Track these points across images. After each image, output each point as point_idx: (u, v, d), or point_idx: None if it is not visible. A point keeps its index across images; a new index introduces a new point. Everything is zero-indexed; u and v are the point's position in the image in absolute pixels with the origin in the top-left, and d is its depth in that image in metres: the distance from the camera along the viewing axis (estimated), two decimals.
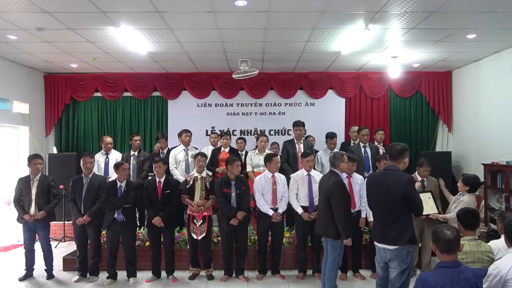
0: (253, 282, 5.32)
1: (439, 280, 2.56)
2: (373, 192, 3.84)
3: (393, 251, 3.55)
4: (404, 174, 3.64)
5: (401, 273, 3.54)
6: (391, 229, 3.57)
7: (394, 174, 3.63)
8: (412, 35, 5.92)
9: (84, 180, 5.43)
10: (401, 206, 3.52)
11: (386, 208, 3.62)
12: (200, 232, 5.30)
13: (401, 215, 3.53)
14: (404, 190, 3.50)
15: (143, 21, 5.31)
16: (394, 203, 3.54)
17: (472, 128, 7.77)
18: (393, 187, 3.54)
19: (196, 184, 5.40)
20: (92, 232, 5.35)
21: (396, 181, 3.55)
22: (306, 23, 5.45)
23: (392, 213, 3.56)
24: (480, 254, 3.21)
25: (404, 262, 3.53)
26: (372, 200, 3.88)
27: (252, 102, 8.72)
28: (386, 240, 3.60)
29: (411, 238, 3.54)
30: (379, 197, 3.71)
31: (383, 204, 3.66)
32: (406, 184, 3.53)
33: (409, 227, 3.55)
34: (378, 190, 3.71)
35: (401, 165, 3.69)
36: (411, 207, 3.54)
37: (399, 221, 3.53)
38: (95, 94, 8.64)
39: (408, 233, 3.53)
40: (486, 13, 5.01)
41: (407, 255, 3.54)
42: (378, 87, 8.65)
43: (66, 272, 5.64)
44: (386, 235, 3.60)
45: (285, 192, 5.44)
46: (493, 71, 7.09)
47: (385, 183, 3.63)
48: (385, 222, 3.64)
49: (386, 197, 3.59)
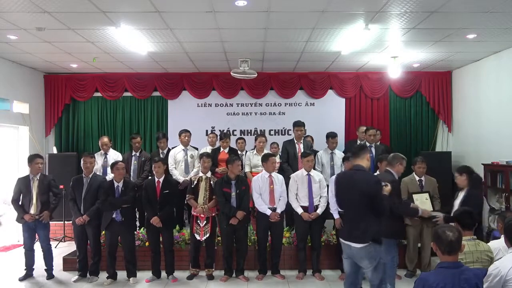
0: (253, 282, 5.32)
1: (439, 281, 2.55)
2: (341, 191, 3.92)
3: (360, 249, 3.61)
4: (371, 175, 3.75)
5: (375, 270, 3.61)
6: (357, 228, 3.65)
7: (361, 174, 3.71)
8: (412, 35, 5.92)
9: (85, 180, 5.43)
10: (367, 205, 3.58)
11: (353, 207, 3.72)
12: (204, 233, 5.29)
13: (366, 214, 3.60)
14: (371, 190, 3.58)
15: (143, 21, 5.31)
16: (360, 202, 3.62)
17: (472, 128, 7.78)
18: (360, 186, 3.62)
19: (200, 184, 5.39)
20: (91, 232, 5.35)
21: (363, 181, 3.64)
22: (306, 23, 5.45)
23: (359, 212, 3.65)
24: (479, 254, 3.21)
25: (373, 259, 3.60)
26: (340, 199, 3.98)
27: (252, 102, 8.72)
28: (352, 238, 3.67)
29: (375, 236, 3.60)
30: (346, 196, 3.81)
31: (350, 203, 3.76)
32: (374, 184, 3.62)
33: (374, 225, 3.62)
34: (346, 189, 3.80)
35: (365, 162, 3.77)
36: (375, 207, 3.59)
37: (364, 220, 3.61)
38: (95, 94, 8.63)
39: (373, 231, 3.59)
40: (486, 13, 5.01)
41: (375, 251, 3.60)
42: (378, 87, 8.64)
43: (66, 272, 5.64)
44: (353, 233, 3.67)
45: (283, 192, 5.44)
46: (493, 71, 7.09)
47: (353, 182, 3.71)
48: (351, 220, 3.74)
49: (353, 196, 3.68)
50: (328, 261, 5.63)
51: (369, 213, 3.60)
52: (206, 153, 5.78)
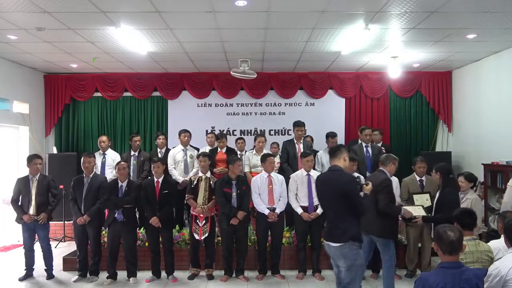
0: (253, 282, 5.32)
1: (440, 281, 2.55)
2: (320, 192, 4.00)
3: (336, 248, 3.64)
4: (347, 174, 3.78)
5: (348, 270, 3.61)
6: (336, 227, 3.68)
7: (337, 174, 3.74)
8: (412, 35, 5.92)
9: (85, 179, 5.43)
10: (344, 205, 3.61)
11: (331, 207, 3.77)
12: (203, 233, 5.29)
13: (344, 213, 3.62)
14: (346, 189, 3.60)
15: (143, 21, 5.31)
16: (337, 202, 3.65)
17: (472, 128, 7.78)
18: (337, 186, 3.66)
19: (200, 184, 5.39)
20: (92, 232, 5.35)
21: (339, 181, 3.68)
22: (306, 23, 5.45)
23: (336, 212, 3.68)
24: (479, 254, 3.21)
25: (348, 259, 3.60)
26: (320, 200, 4.10)
27: (252, 102, 8.72)
28: (331, 238, 3.70)
29: (353, 236, 3.61)
30: (325, 196, 3.85)
31: (328, 203, 3.81)
32: (348, 183, 3.64)
33: (353, 225, 3.63)
34: (324, 190, 3.84)
35: (341, 163, 3.79)
36: (353, 207, 3.61)
37: (342, 219, 3.63)
38: (95, 94, 8.63)
39: (351, 230, 3.60)
40: (486, 13, 5.01)
41: (351, 251, 3.60)
42: (378, 87, 8.65)
43: (66, 272, 5.64)
44: (332, 233, 3.71)
45: (284, 192, 5.44)
46: (493, 71, 7.09)
47: (330, 183, 3.76)
48: (331, 221, 3.80)
49: (331, 196, 3.72)
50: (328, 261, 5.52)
51: (347, 213, 3.62)
52: (203, 153, 5.78)
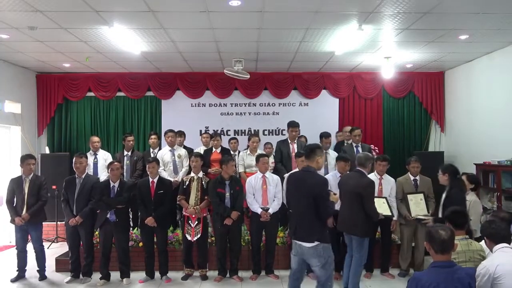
0: (247, 282, 5.32)
1: (432, 280, 2.57)
2: (289, 191, 4.03)
3: (309, 248, 3.72)
4: (319, 176, 3.84)
5: (323, 268, 3.71)
6: (302, 227, 3.75)
7: (310, 175, 3.80)
8: (405, 36, 5.96)
9: (77, 180, 5.39)
10: (313, 206, 3.67)
11: (299, 207, 3.81)
12: (195, 234, 5.28)
13: (311, 214, 3.69)
14: (317, 191, 3.68)
15: (137, 21, 5.28)
16: (306, 203, 3.71)
17: (465, 128, 7.84)
18: (308, 187, 3.72)
19: (192, 184, 5.38)
20: (84, 233, 5.31)
21: (311, 182, 3.74)
22: (300, 23, 5.45)
23: (304, 212, 3.74)
24: (471, 253, 3.23)
25: (322, 257, 3.70)
26: (288, 198, 4.12)
27: (246, 102, 8.72)
28: (300, 238, 3.78)
29: (320, 237, 3.68)
30: (294, 195, 3.90)
31: (297, 202, 3.85)
32: (319, 185, 3.71)
33: (318, 226, 3.70)
34: (295, 189, 3.89)
35: (314, 164, 3.84)
36: (319, 209, 3.67)
37: (309, 220, 3.70)
38: (88, 94, 8.58)
39: (318, 232, 3.68)
40: (478, 14, 5.05)
41: (323, 250, 3.69)
42: (371, 87, 8.68)
43: (59, 273, 5.60)
44: (299, 233, 3.78)
45: (278, 193, 5.44)
46: (485, 72, 7.15)
47: (301, 183, 3.81)
48: (298, 220, 3.83)
49: (301, 196, 3.78)
50: None
51: (314, 214, 3.69)
52: (195, 153, 5.77)
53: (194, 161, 5.46)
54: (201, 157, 5.61)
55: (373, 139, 8.50)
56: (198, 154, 5.72)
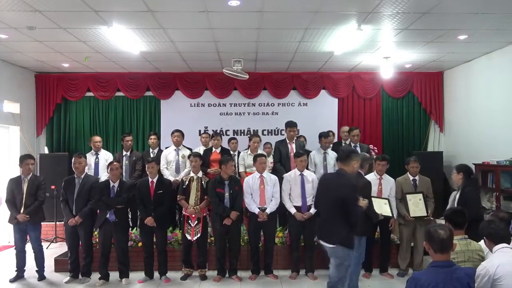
0: (246, 282, 5.32)
1: (431, 280, 2.56)
2: (319, 192, 4.13)
3: (329, 248, 3.83)
4: (349, 180, 3.82)
5: (337, 268, 3.80)
6: (327, 229, 3.84)
7: (341, 178, 3.86)
8: (404, 36, 5.96)
9: (76, 180, 5.38)
10: (339, 209, 3.70)
11: (326, 209, 3.89)
12: (195, 233, 5.28)
13: (336, 217, 3.74)
14: (345, 194, 3.70)
15: (136, 21, 5.28)
16: (333, 205, 3.75)
17: (464, 128, 7.84)
18: (337, 189, 3.76)
19: (192, 184, 5.38)
20: (83, 233, 5.31)
21: (341, 184, 3.77)
22: (299, 24, 5.45)
23: (330, 214, 3.81)
24: (470, 253, 3.24)
25: (339, 258, 3.77)
26: (317, 199, 4.20)
27: (245, 102, 8.72)
28: (323, 238, 3.91)
29: (342, 240, 3.72)
30: (323, 196, 3.98)
31: (324, 204, 3.93)
32: (349, 188, 3.73)
33: (343, 229, 3.73)
34: (324, 191, 3.98)
35: (350, 168, 3.88)
36: (348, 213, 3.70)
37: (335, 222, 3.75)
38: (87, 94, 8.57)
39: (341, 234, 3.72)
40: (477, 14, 5.05)
41: (343, 252, 3.76)
42: (370, 87, 8.69)
43: (58, 273, 5.60)
44: (324, 233, 3.88)
45: (276, 193, 5.44)
46: (484, 72, 7.16)
47: (331, 184, 3.90)
48: (324, 221, 3.94)
49: (329, 197, 3.84)
50: (321, 261, 5.62)
51: (340, 217, 3.71)
52: (194, 153, 5.77)
53: (193, 161, 5.46)
54: (200, 157, 5.61)
55: (372, 139, 8.50)
56: (197, 154, 5.71)
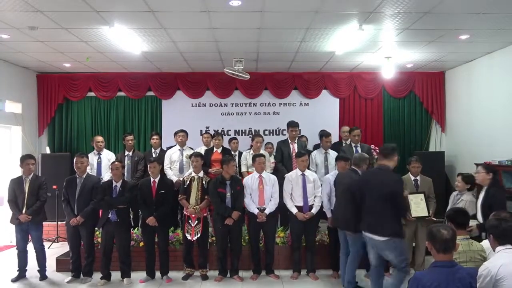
0: (247, 282, 5.32)
1: (434, 280, 2.56)
2: (366, 188, 4.16)
3: (381, 242, 3.94)
4: (395, 174, 4.03)
5: (398, 257, 3.96)
6: (378, 222, 3.95)
7: (387, 173, 4.04)
8: (406, 36, 5.95)
9: (78, 180, 5.39)
10: (388, 202, 3.89)
11: (374, 203, 4.00)
12: (195, 233, 5.28)
13: (385, 210, 3.90)
14: (394, 188, 3.91)
15: (137, 21, 5.28)
16: (383, 199, 3.91)
17: (465, 128, 7.83)
18: (385, 184, 3.93)
19: (192, 184, 5.38)
20: (85, 233, 5.31)
21: (389, 179, 3.96)
22: (300, 24, 5.45)
23: (380, 208, 3.94)
24: (472, 253, 3.23)
25: (394, 249, 3.92)
26: (362, 195, 4.21)
27: (246, 102, 8.72)
28: (373, 231, 4.00)
29: (394, 232, 3.91)
30: (369, 192, 4.08)
31: (373, 199, 4.03)
32: (397, 182, 3.99)
33: (394, 222, 3.93)
34: (370, 187, 4.08)
35: (392, 163, 4.10)
36: (396, 205, 3.92)
37: (385, 215, 3.91)
38: (89, 94, 8.58)
39: (393, 227, 3.91)
40: (478, 14, 5.04)
41: (395, 243, 3.93)
42: (372, 87, 8.68)
43: (59, 273, 5.61)
44: (374, 227, 3.99)
45: (275, 193, 5.43)
46: (486, 72, 7.15)
47: (378, 180, 4.03)
48: (373, 215, 4.03)
49: (376, 194, 3.98)
50: (322, 261, 5.63)
51: (390, 210, 3.90)
52: (195, 152, 5.78)
53: (195, 161, 5.47)
54: (201, 157, 5.62)
55: (373, 139, 8.49)
56: (198, 153, 5.72)
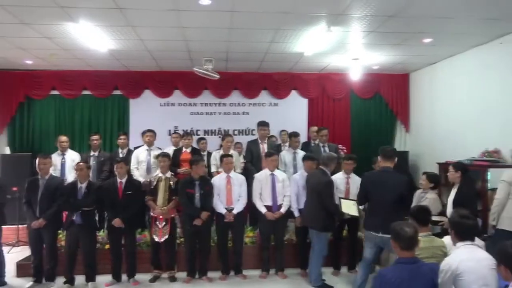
0: (216, 283, 5.29)
1: (397, 276, 2.65)
2: (371, 189, 4.36)
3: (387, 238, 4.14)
4: (402, 175, 4.36)
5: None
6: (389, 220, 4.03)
7: (394, 175, 4.31)
8: (372, 38, 6.10)
9: (40, 181, 5.18)
10: (397, 202, 4.15)
11: (384, 203, 4.19)
12: (163, 234, 5.21)
13: (397, 209, 4.11)
14: (403, 189, 4.18)
15: (104, 18, 5.15)
16: (392, 199, 4.16)
17: (428, 129, 8.10)
18: (394, 185, 4.19)
19: (160, 184, 5.30)
20: (48, 236, 5.11)
21: (396, 181, 4.23)
22: (270, 24, 5.48)
23: (389, 207, 4.14)
24: (434, 249, 3.35)
25: None
26: (370, 195, 4.40)
27: (216, 102, 8.69)
28: (384, 230, 4.05)
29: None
30: (378, 193, 4.28)
31: (383, 199, 4.21)
32: (405, 183, 4.24)
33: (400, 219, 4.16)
34: (378, 188, 4.28)
35: (393, 165, 4.39)
36: (404, 204, 4.18)
37: (395, 214, 3.96)
38: (52, 92, 8.30)
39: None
40: (441, 19, 5.23)
41: None
42: (340, 88, 8.83)
43: (20, 279, 5.37)
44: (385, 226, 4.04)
45: (243, 192, 5.43)
46: (447, 74, 7.42)
47: (386, 182, 4.25)
48: (382, 214, 4.16)
49: (386, 194, 4.19)
50: (291, 260, 5.67)
51: (399, 210, 4.09)
52: (163, 153, 5.71)
53: (162, 161, 5.40)
54: (168, 157, 5.55)
55: (341, 139, 8.63)
56: (165, 154, 5.65)
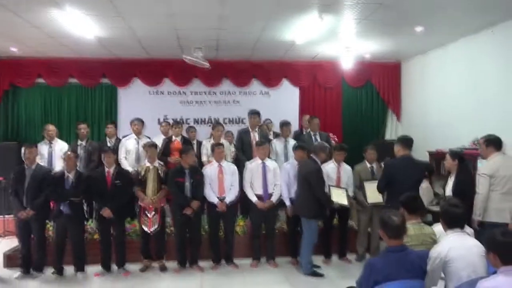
0: (207, 272, 5.28)
1: (386, 264, 2.69)
2: (395, 175, 4.57)
3: None
4: (422, 161, 4.80)
5: None
6: None
7: (415, 161, 4.72)
8: (364, 26, 6.04)
9: (27, 171, 5.09)
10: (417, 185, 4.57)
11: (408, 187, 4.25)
12: (152, 224, 5.17)
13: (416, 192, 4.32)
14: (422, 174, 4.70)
15: (91, 5, 5.01)
16: (415, 182, 4.52)
17: (419, 118, 8.12)
18: (415, 170, 4.61)
19: (148, 174, 5.24)
20: (36, 226, 5.05)
21: (418, 166, 4.72)
22: (261, 12, 5.39)
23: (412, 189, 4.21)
24: (424, 237, 3.36)
25: None
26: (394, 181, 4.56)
27: (206, 90, 8.60)
28: None
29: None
30: (401, 178, 4.47)
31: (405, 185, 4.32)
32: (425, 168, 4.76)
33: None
34: (401, 173, 4.52)
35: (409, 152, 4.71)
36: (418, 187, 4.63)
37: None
38: (38, 80, 8.14)
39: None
40: (432, 7, 5.19)
41: None
42: (331, 77, 8.79)
43: (7, 269, 5.31)
44: None
45: (235, 182, 5.40)
46: (439, 63, 7.41)
47: (411, 168, 4.60)
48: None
49: (408, 178, 4.47)
50: (281, 249, 5.68)
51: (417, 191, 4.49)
52: (149, 142, 5.66)
53: (149, 151, 5.35)
54: (155, 147, 5.50)
55: (332, 127, 8.60)
56: (153, 143, 5.59)
